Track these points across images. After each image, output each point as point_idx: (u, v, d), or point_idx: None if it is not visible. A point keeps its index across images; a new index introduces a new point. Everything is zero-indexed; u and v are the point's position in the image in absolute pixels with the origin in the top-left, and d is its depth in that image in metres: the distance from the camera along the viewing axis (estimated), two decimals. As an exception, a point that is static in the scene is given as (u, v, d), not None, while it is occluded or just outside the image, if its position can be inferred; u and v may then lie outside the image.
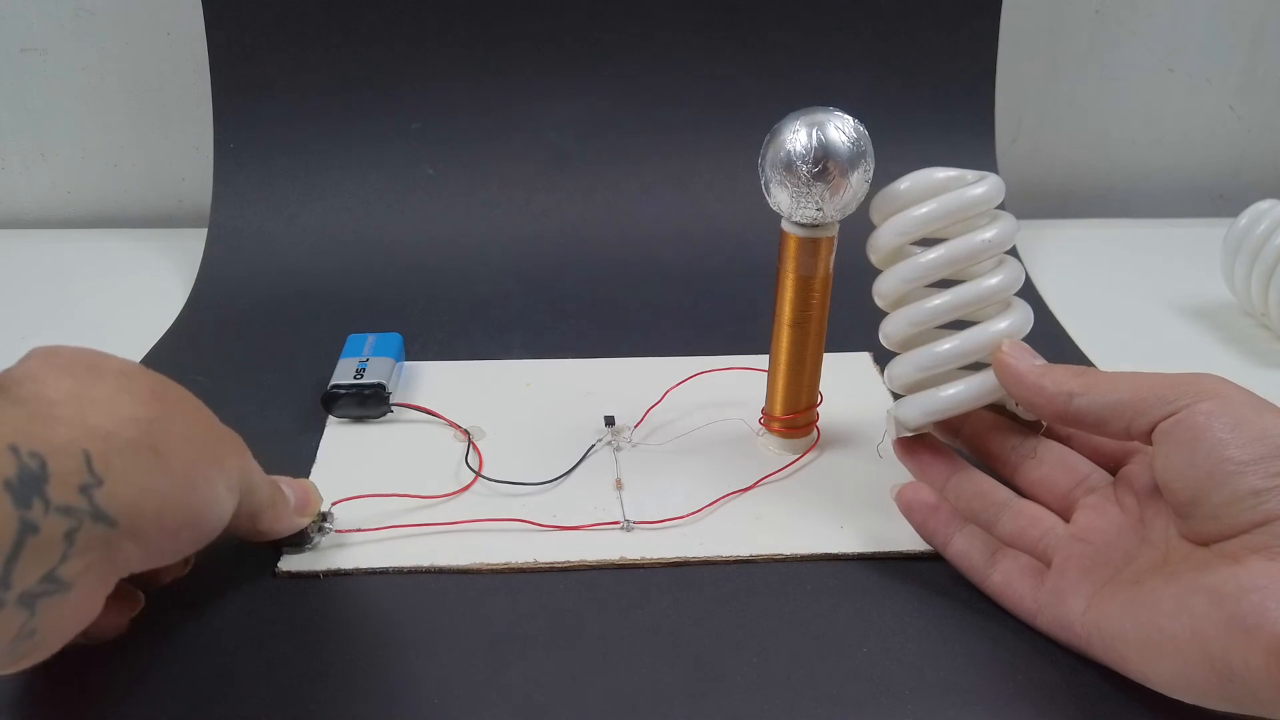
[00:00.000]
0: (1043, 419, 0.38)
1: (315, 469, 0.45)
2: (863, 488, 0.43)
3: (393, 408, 0.48)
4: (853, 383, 0.51)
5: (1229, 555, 0.30)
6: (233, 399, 0.50)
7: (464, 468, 0.45)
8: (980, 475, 0.39)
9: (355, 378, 0.48)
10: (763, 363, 0.46)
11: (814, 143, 0.38)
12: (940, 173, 0.39)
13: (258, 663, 0.35)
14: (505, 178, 0.67)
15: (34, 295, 0.64)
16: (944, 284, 0.39)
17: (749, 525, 0.41)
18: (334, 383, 0.48)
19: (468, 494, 0.43)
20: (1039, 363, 0.36)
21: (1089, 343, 0.57)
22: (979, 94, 0.69)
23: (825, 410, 0.46)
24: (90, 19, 0.69)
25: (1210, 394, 0.31)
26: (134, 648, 0.34)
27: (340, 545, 0.40)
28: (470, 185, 0.67)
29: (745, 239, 0.64)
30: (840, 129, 0.38)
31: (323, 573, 0.39)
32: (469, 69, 0.66)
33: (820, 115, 0.39)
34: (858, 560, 0.40)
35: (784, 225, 0.41)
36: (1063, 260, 0.68)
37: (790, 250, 0.41)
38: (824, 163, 0.38)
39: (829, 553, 0.40)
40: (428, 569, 0.39)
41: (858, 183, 0.39)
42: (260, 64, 0.65)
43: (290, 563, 0.39)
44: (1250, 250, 0.57)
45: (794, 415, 0.45)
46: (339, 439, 0.47)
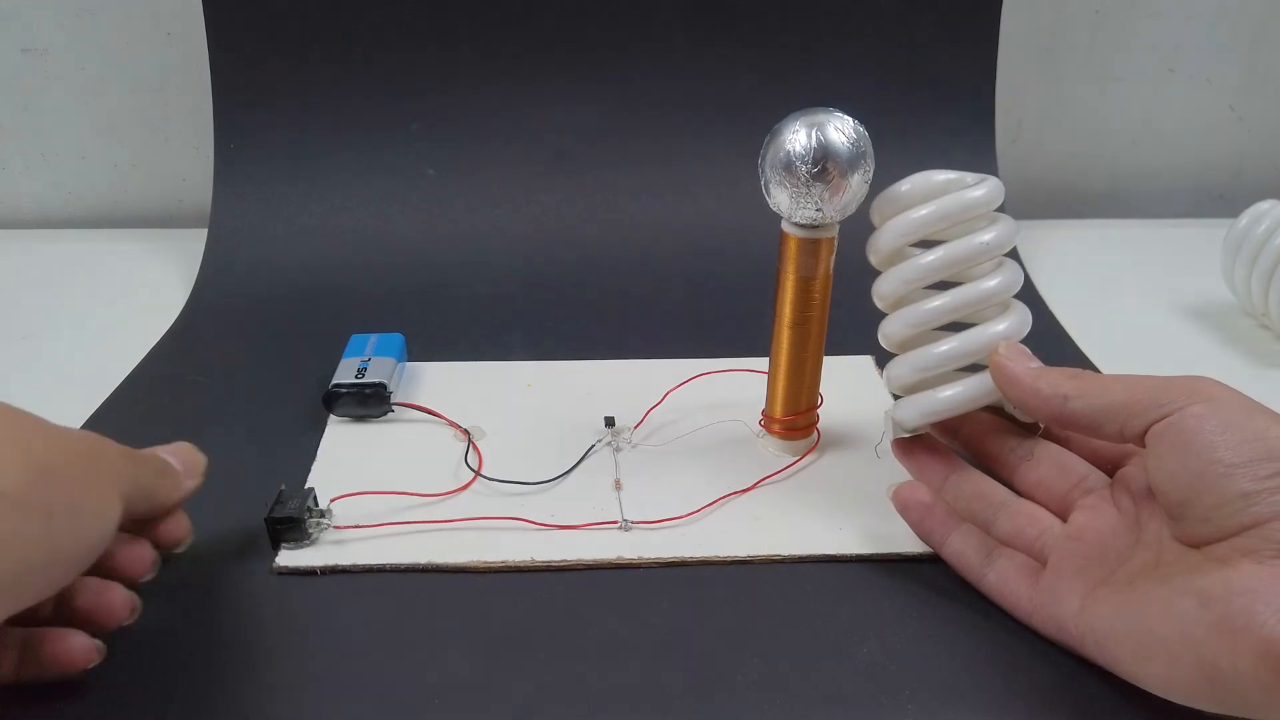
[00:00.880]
0: (1038, 421, 0.38)
1: (315, 467, 0.45)
2: (862, 489, 0.43)
3: (394, 407, 0.49)
4: (854, 385, 0.51)
5: (1219, 558, 0.30)
6: (233, 399, 0.51)
7: (463, 467, 0.45)
8: (978, 475, 0.39)
9: (357, 377, 0.48)
10: (763, 364, 0.46)
11: (814, 143, 0.38)
12: (940, 175, 0.39)
13: (255, 657, 0.35)
14: (506, 178, 0.67)
15: (34, 295, 0.64)
16: (943, 286, 0.39)
17: (748, 526, 0.41)
18: (335, 382, 0.48)
19: (467, 493, 0.43)
20: (1035, 365, 0.36)
21: (1089, 343, 0.57)
22: (979, 94, 0.69)
23: (826, 412, 0.46)
24: (90, 19, 0.69)
25: (1202, 397, 0.31)
26: (132, 642, 0.34)
27: (339, 542, 0.40)
28: (470, 185, 0.67)
29: (745, 240, 0.64)
30: (840, 130, 0.38)
31: (320, 569, 0.39)
32: (469, 69, 0.66)
33: (820, 116, 0.39)
34: (857, 561, 0.40)
35: (784, 226, 0.41)
36: (1063, 260, 0.69)
37: (790, 251, 0.41)
38: (824, 163, 0.38)
39: (828, 554, 0.40)
40: (426, 566, 0.39)
41: (857, 183, 0.39)
42: (260, 64, 0.65)
43: (288, 558, 0.39)
44: (1250, 250, 0.57)
45: (794, 416, 0.45)
46: (340, 438, 0.47)
